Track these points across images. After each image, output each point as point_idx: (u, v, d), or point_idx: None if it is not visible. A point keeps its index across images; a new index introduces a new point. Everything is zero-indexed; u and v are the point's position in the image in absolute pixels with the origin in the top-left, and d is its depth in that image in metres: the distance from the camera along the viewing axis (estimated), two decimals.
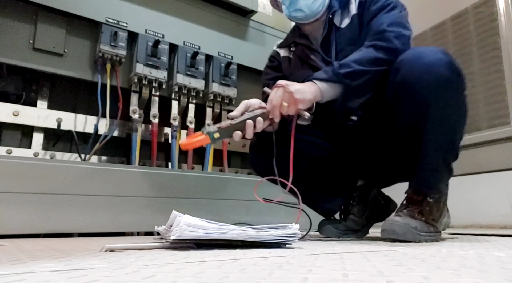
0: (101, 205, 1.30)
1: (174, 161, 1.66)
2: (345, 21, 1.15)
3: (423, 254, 0.64)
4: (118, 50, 1.53)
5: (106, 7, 1.53)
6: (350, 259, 0.57)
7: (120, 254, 0.65)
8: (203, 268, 0.47)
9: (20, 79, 1.51)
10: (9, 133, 1.45)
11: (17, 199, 1.16)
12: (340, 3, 1.17)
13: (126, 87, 1.61)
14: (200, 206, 1.49)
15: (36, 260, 0.57)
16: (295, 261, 0.54)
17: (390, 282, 0.37)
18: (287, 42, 1.31)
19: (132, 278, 0.40)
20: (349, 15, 1.15)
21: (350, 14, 1.14)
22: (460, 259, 0.57)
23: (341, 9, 1.16)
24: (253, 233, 0.74)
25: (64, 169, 1.26)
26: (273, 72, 1.32)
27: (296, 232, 0.78)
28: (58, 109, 1.54)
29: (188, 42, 1.73)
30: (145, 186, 1.40)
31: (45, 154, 1.50)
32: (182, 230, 0.68)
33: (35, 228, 1.18)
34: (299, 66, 1.23)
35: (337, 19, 1.17)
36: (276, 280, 0.38)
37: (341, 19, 1.16)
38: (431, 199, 0.99)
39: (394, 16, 1.05)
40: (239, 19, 1.93)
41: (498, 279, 0.39)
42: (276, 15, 2.30)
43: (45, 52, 1.45)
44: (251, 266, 0.49)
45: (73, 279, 0.39)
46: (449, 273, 0.43)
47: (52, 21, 1.47)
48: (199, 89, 1.73)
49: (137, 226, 1.37)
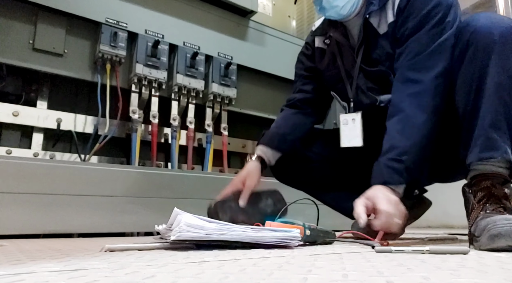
0: (101, 205, 1.30)
1: (174, 162, 1.66)
2: (382, 27, 1.01)
3: (423, 254, 0.64)
4: (118, 51, 1.53)
5: (106, 8, 1.54)
6: (349, 259, 0.57)
7: (120, 255, 0.65)
8: (203, 269, 0.47)
9: (20, 79, 1.51)
10: (9, 134, 1.45)
11: (17, 199, 1.16)
12: (379, 1, 1.00)
13: (126, 87, 1.61)
14: (200, 206, 1.48)
15: (35, 261, 0.57)
16: (295, 262, 0.54)
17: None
18: (323, 31, 1.16)
19: (132, 278, 0.40)
20: (386, 20, 1.00)
21: (387, 20, 0.99)
22: (460, 259, 0.57)
23: (379, 8, 1.00)
24: (253, 235, 0.74)
25: (64, 169, 1.26)
26: (307, 61, 1.23)
27: (296, 234, 0.78)
28: (58, 109, 1.54)
29: (188, 43, 1.73)
30: (145, 186, 1.40)
31: (45, 154, 1.50)
32: (182, 231, 0.68)
33: (35, 228, 1.18)
34: (331, 66, 1.14)
35: (374, 21, 1.01)
36: (275, 280, 0.38)
37: (379, 22, 1.01)
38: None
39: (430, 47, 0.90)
40: (239, 19, 1.93)
41: (497, 279, 0.39)
42: (276, 15, 2.31)
43: (45, 52, 1.45)
44: (251, 267, 0.49)
45: (73, 280, 0.39)
46: (449, 273, 0.43)
47: (52, 21, 1.47)
48: (199, 90, 1.73)
49: (137, 226, 1.36)
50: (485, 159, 0.81)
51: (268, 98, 2.03)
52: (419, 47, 0.92)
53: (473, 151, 0.82)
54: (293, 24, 2.42)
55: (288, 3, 2.40)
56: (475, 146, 0.82)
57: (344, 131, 1.09)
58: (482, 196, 0.80)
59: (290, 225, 0.84)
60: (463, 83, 0.87)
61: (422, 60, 0.91)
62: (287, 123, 1.20)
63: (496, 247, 0.69)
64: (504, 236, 0.68)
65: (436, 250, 0.65)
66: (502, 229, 0.69)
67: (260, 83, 2.02)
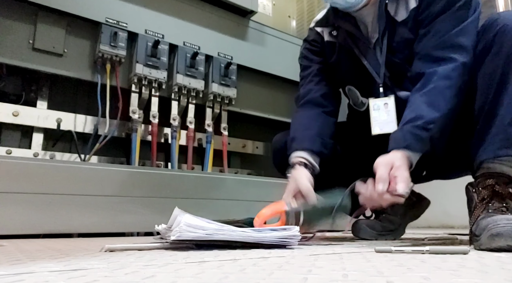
0: (101, 205, 1.30)
1: (174, 162, 1.66)
2: (401, 14, 0.98)
3: (423, 254, 0.64)
4: (118, 51, 1.53)
5: (106, 7, 1.53)
6: (349, 259, 0.57)
7: (119, 254, 0.65)
8: (202, 269, 0.47)
9: (19, 79, 1.51)
10: (8, 134, 1.45)
11: (17, 199, 1.16)
12: None
13: (126, 87, 1.60)
14: (200, 206, 1.49)
15: (35, 261, 0.57)
16: (295, 262, 0.54)
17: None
18: (328, 22, 1.13)
19: (132, 278, 0.40)
20: (406, 6, 0.97)
21: (409, 6, 0.97)
22: (460, 259, 0.57)
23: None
24: (253, 235, 0.74)
25: (64, 169, 1.26)
26: (316, 57, 1.18)
27: (296, 234, 0.78)
28: (58, 109, 1.54)
29: (188, 43, 1.73)
30: (145, 186, 1.40)
31: (45, 154, 1.50)
32: (182, 231, 0.68)
33: (35, 228, 1.18)
34: (347, 58, 1.10)
35: (391, 7, 0.98)
36: (275, 280, 0.38)
37: (396, 9, 0.98)
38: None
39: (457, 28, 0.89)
40: (239, 19, 1.93)
41: (497, 279, 0.39)
42: (276, 15, 2.31)
43: (45, 52, 1.45)
44: (251, 267, 0.49)
45: (73, 280, 0.39)
46: (449, 273, 0.43)
47: (52, 21, 1.47)
48: (199, 90, 1.73)
49: (137, 226, 1.36)
50: (500, 157, 0.80)
51: (268, 98, 2.02)
52: (446, 27, 0.91)
53: (489, 148, 0.82)
54: (293, 24, 2.42)
55: (288, 3, 2.40)
56: (492, 143, 0.81)
57: (375, 117, 1.02)
58: (485, 195, 0.80)
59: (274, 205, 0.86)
60: (484, 78, 0.86)
61: (450, 39, 0.90)
62: (318, 124, 1.11)
63: (496, 246, 0.69)
64: (504, 236, 0.68)
65: (436, 250, 0.65)
66: (503, 229, 0.69)
67: (260, 83, 2.02)
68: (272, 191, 1.69)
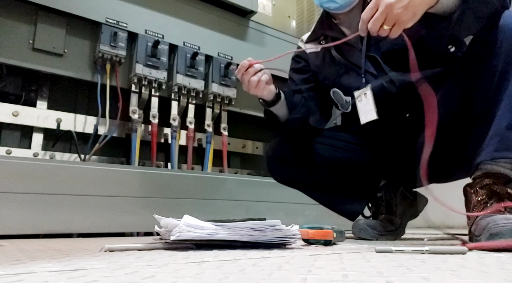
0: (100, 205, 1.30)
1: (173, 162, 1.66)
2: None
3: (422, 254, 0.64)
4: (118, 51, 1.53)
5: (106, 8, 1.53)
6: (349, 259, 0.57)
7: (119, 255, 0.65)
8: (202, 269, 0.47)
9: (19, 79, 1.51)
10: (8, 134, 1.45)
11: (17, 199, 1.16)
12: None
13: (125, 87, 1.61)
14: (200, 206, 1.49)
15: (35, 261, 0.57)
16: (295, 262, 0.54)
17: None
18: (316, 35, 1.20)
19: (132, 278, 0.40)
20: None
21: None
22: (460, 259, 0.57)
23: None
24: (253, 234, 0.74)
25: (63, 169, 1.26)
26: (299, 75, 1.24)
27: (296, 233, 0.78)
28: (58, 109, 1.54)
29: (187, 43, 1.73)
30: (145, 186, 1.40)
31: (45, 154, 1.50)
32: (181, 231, 0.68)
33: (35, 228, 1.18)
34: (329, 63, 1.14)
35: None
36: (275, 280, 0.38)
37: None
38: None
39: None
40: (239, 19, 1.93)
41: (497, 279, 0.39)
42: (276, 15, 2.30)
43: (45, 52, 1.45)
44: (251, 267, 0.49)
45: (73, 280, 0.39)
46: (449, 273, 0.43)
47: (52, 21, 1.47)
48: (198, 90, 1.73)
49: (137, 226, 1.36)
50: (497, 159, 0.80)
51: None
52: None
53: (486, 150, 0.81)
54: (293, 24, 2.42)
55: (288, 3, 2.40)
56: (490, 145, 0.80)
57: (360, 108, 1.07)
58: (483, 195, 0.80)
59: (322, 230, 0.85)
60: (482, 79, 0.85)
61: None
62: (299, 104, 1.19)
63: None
64: (504, 236, 0.68)
65: (436, 250, 0.65)
66: (502, 228, 0.69)
67: None
68: (272, 191, 1.71)
